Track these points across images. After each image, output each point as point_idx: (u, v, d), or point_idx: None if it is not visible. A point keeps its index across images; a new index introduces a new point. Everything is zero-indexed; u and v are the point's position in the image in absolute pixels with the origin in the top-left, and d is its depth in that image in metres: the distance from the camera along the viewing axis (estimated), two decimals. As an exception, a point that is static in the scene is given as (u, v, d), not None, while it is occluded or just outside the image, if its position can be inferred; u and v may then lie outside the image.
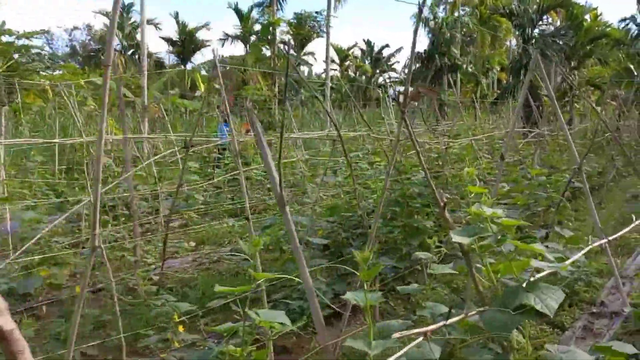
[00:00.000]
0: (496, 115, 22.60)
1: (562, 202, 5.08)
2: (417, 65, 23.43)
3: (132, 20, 29.82)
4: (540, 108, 22.56)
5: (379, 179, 6.13)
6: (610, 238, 3.24)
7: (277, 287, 4.70)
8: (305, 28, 39.94)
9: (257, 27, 34.53)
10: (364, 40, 45.99)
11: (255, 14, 31.30)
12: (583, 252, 2.65)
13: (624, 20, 21.36)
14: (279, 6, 22.29)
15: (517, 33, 22.52)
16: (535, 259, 2.01)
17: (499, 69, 27.89)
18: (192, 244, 6.82)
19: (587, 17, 27.07)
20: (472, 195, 2.25)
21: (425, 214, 5.40)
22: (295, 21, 26.49)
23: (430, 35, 24.40)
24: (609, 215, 9.17)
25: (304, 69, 46.32)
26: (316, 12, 25.66)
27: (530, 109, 21.32)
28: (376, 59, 46.20)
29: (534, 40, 21.38)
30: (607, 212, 9.71)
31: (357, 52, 47.89)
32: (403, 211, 5.26)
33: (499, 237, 2.03)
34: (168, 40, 31.75)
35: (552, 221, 5.16)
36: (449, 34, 23.35)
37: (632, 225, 4.76)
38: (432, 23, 24.18)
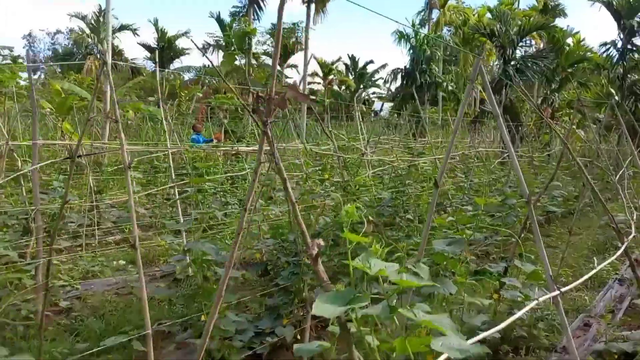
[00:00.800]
0: (475, 134, 22.28)
1: (522, 233, 4.51)
2: (397, 82, 23.09)
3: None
4: (519, 128, 22.33)
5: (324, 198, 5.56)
6: (562, 290, 2.68)
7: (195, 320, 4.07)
8: (289, 40, 39.62)
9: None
10: (348, 55, 45.74)
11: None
12: (527, 308, 2.07)
13: (604, 44, 21.23)
14: (255, 16, 21.82)
15: (497, 54, 22.26)
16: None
17: (480, 88, 27.69)
18: (122, 262, 6.15)
19: (569, 41, 27.06)
20: (352, 244, 1.62)
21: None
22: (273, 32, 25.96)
23: (411, 52, 24.11)
24: (580, 244, 8.70)
25: (288, 80, 45.97)
26: (293, 24, 25.20)
27: (509, 130, 21.06)
28: (360, 74, 45.96)
29: (513, 62, 21.13)
30: (578, 240, 9.24)
31: (342, 67, 47.68)
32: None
33: (393, 304, 1.43)
34: (146, 47, 31.11)
35: (512, 254, 4.61)
36: (429, 52, 23.04)
37: (588, 275, 4.23)
38: (412, 40, 23.90)
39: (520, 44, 22.06)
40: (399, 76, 26.16)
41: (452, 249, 3.14)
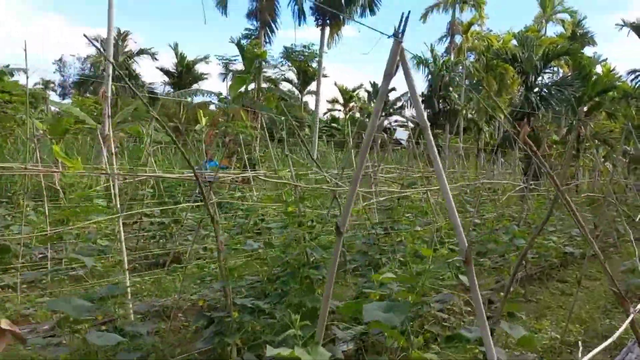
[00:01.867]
0: (494, 165, 21.28)
1: (511, 287, 3.65)
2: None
3: (127, 49, 29.25)
4: (544, 159, 21.23)
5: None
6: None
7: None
8: (307, 65, 39.35)
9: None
10: (370, 82, 45.21)
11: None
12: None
13: (633, 72, 20.11)
14: (267, 38, 21.48)
15: (519, 80, 21.34)
16: None
17: (502, 116, 26.68)
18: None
19: (598, 69, 25.95)
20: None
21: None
22: (285, 55, 25.57)
23: (429, 77, 23.34)
24: (597, 293, 7.65)
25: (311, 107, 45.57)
26: (304, 46, 24.71)
27: (530, 160, 19.99)
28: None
29: (536, 89, 20.18)
30: (597, 286, 8.19)
31: (364, 94, 47.16)
32: (296, 282, 3.87)
33: None
34: (164, 71, 31.11)
35: (498, 313, 3.73)
36: (448, 77, 22.24)
37: (602, 346, 3.32)
38: (431, 65, 23.15)
39: (544, 70, 21.15)
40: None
41: (390, 317, 2.30)
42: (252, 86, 20.59)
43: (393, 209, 6.46)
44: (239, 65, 23.42)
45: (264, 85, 22.74)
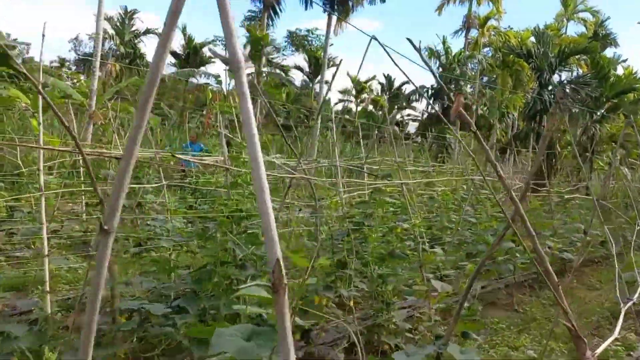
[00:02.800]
0: (502, 164, 20.45)
1: (465, 302, 2.99)
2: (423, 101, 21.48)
3: (134, 27, 28.71)
4: (554, 160, 20.37)
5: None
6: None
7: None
8: (319, 54, 38.56)
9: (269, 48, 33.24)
10: (384, 75, 44.32)
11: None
12: None
13: (654, 72, 19.10)
14: (270, 21, 20.74)
15: (534, 77, 20.45)
16: None
17: (516, 114, 25.76)
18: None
19: (619, 70, 24.87)
20: None
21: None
22: (289, 39, 24.82)
23: (439, 70, 22.51)
24: (591, 306, 6.92)
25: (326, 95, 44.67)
26: (308, 31, 23.86)
27: (545, 161, 19.13)
28: (395, 94, 44.38)
29: (551, 87, 19.28)
30: (594, 297, 7.47)
31: (376, 86, 46.28)
32: (211, 283, 3.24)
33: None
34: (172, 53, 30.48)
35: (448, 333, 3.08)
36: (459, 71, 21.40)
37: None
38: (443, 58, 22.31)
39: (560, 68, 20.23)
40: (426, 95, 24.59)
41: (249, 347, 1.65)
42: (251, 70, 19.91)
43: (366, 202, 5.80)
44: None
45: (264, 69, 22.06)
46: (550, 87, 19.36)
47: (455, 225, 8.77)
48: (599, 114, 21.46)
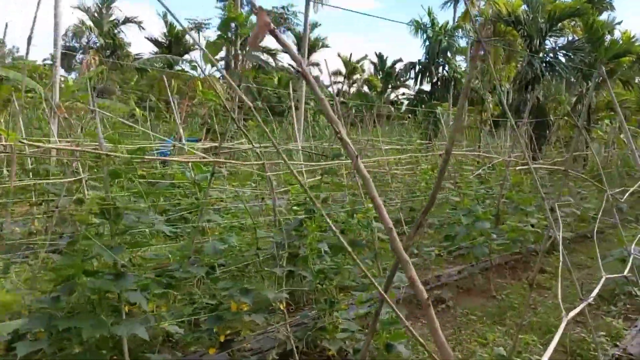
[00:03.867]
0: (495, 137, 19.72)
1: (379, 311, 2.35)
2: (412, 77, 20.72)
3: (113, 17, 27.83)
4: (547, 130, 19.61)
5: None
6: None
7: None
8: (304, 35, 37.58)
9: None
10: (375, 53, 43.31)
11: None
12: None
13: (649, 33, 18.18)
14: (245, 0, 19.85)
15: (523, 45, 19.57)
16: None
17: (508, 85, 24.88)
18: None
19: (617, 34, 23.85)
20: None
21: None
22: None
23: (426, 44, 21.65)
24: (567, 299, 6.27)
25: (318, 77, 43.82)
26: (282, 7, 22.74)
27: (537, 132, 18.42)
28: (388, 73, 43.39)
29: (541, 54, 18.42)
30: (584, 277, 6.81)
31: (369, 66, 45.28)
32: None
33: None
34: (153, 41, 29.64)
35: (364, 351, 2.43)
36: (446, 43, 20.52)
37: None
38: (430, 31, 21.43)
39: (551, 33, 19.35)
40: (413, 72, 23.74)
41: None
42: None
43: (316, 186, 5.15)
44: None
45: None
46: (541, 55, 18.52)
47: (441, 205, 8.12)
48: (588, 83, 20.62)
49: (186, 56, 28.80)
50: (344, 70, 43.04)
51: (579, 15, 19.41)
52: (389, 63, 43.71)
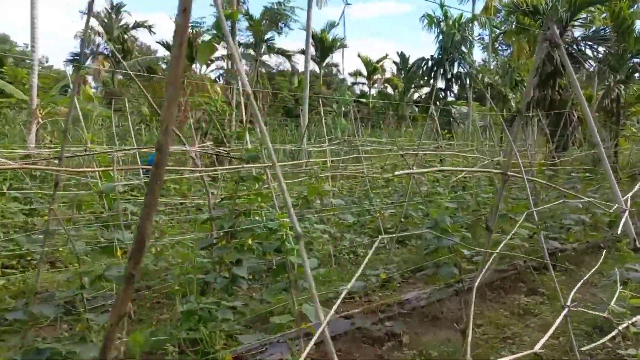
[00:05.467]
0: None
1: None
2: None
3: (123, 22, 27.50)
4: (571, 129, 18.18)
5: None
6: None
7: None
8: (326, 35, 36.82)
9: (270, 34, 31.72)
10: (397, 53, 42.14)
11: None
12: None
13: (681, 19, 16.61)
14: (243, -4, 19.04)
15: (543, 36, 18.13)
16: None
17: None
18: None
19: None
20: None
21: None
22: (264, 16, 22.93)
23: (439, 38, 20.45)
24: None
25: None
26: (278, 3, 21.66)
27: (556, 129, 17.02)
28: (410, 72, 42.08)
29: (563, 45, 17.01)
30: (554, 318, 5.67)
31: (390, 65, 44.10)
32: None
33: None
34: (165, 45, 29.17)
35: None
36: (459, 36, 19.30)
37: None
38: (443, 24, 20.24)
39: (572, 23, 17.93)
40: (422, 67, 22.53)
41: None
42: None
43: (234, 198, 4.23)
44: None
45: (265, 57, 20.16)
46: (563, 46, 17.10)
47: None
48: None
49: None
50: (364, 71, 42.00)
51: (602, 2, 17.94)
52: (411, 62, 42.44)
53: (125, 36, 27.86)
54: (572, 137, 17.88)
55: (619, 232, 2.51)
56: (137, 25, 27.77)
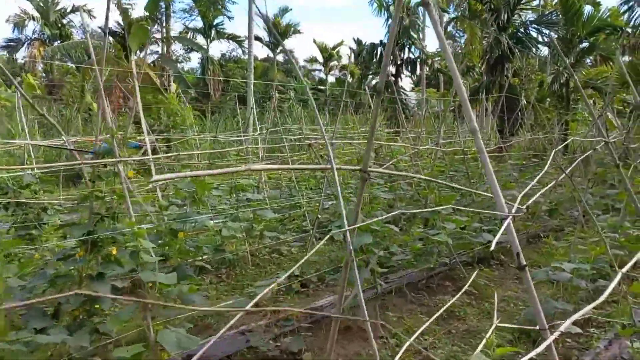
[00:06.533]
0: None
1: None
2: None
3: (60, 6, 25.98)
4: (519, 113, 18.01)
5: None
6: None
7: None
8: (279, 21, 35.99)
9: (219, 18, 30.69)
10: (353, 39, 41.56)
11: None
12: None
13: (626, 2, 16.56)
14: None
15: (490, 19, 17.86)
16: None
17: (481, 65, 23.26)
18: None
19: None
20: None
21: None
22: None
23: (388, 22, 19.94)
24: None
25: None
26: None
27: (506, 115, 16.82)
28: (372, 58, 41.60)
29: (510, 30, 16.76)
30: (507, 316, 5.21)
31: (348, 52, 43.56)
32: None
33: None
34: (108, 31, 27.55)
35: None
36: (408, 21, 18.86)
37: None
38: (392, 9, 19.72)
39: (520, 6, 17.67)
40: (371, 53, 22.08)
41: None
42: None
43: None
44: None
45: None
46: (509, 30, 16.87)
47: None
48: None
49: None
50: (320, 58, 41.34)
51: (550, -15, 17.77)
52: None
53: (64, 20, 26.40)
54: (520, 122, 17.69)
55: (492, 247, 1.97)
56: (75, 9, 26.35)
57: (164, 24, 16.80)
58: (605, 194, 8.68)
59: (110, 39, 28.83)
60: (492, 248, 1.90)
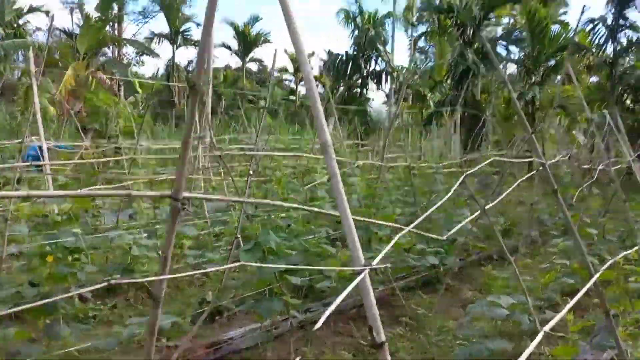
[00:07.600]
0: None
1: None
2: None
3: (17, 6, 24.93)
4: (483, 129, 17.75)
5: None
6: None
7: None
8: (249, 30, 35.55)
9: (188, 25, 30.08)
10: (324, 50, 41.26)
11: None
12: None
13: (591, 21, 16.49)
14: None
15: (456, 34, 17.61)
16: None
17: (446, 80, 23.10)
18: None
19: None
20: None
21: None
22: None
23: (355, 34, 19.60)
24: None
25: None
26: None
27: (471, 131, 16.53)
28: (338, 70, 41.32)
29: (477, 45, 16.50)
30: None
31: (319, 63, 43.16)
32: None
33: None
34: (67, 34, 26.61)
35: None
36: (374, 32, 18.50)
37: None
38: (359, 19, 19.41)
39: (486, 22, 17.48)
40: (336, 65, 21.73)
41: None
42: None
43: None
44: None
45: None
46: (475, 45, 16.62)
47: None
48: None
49: (106, 49, 26.13)
50: (291, 68, 40.90)
51: (517, 2, 17.60)
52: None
53: (20, 21, 25.33)
54: (485, 138, 17.44)
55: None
56: (33, 9, 25.31)
57: (116, 26, 16.10)
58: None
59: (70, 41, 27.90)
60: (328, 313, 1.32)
